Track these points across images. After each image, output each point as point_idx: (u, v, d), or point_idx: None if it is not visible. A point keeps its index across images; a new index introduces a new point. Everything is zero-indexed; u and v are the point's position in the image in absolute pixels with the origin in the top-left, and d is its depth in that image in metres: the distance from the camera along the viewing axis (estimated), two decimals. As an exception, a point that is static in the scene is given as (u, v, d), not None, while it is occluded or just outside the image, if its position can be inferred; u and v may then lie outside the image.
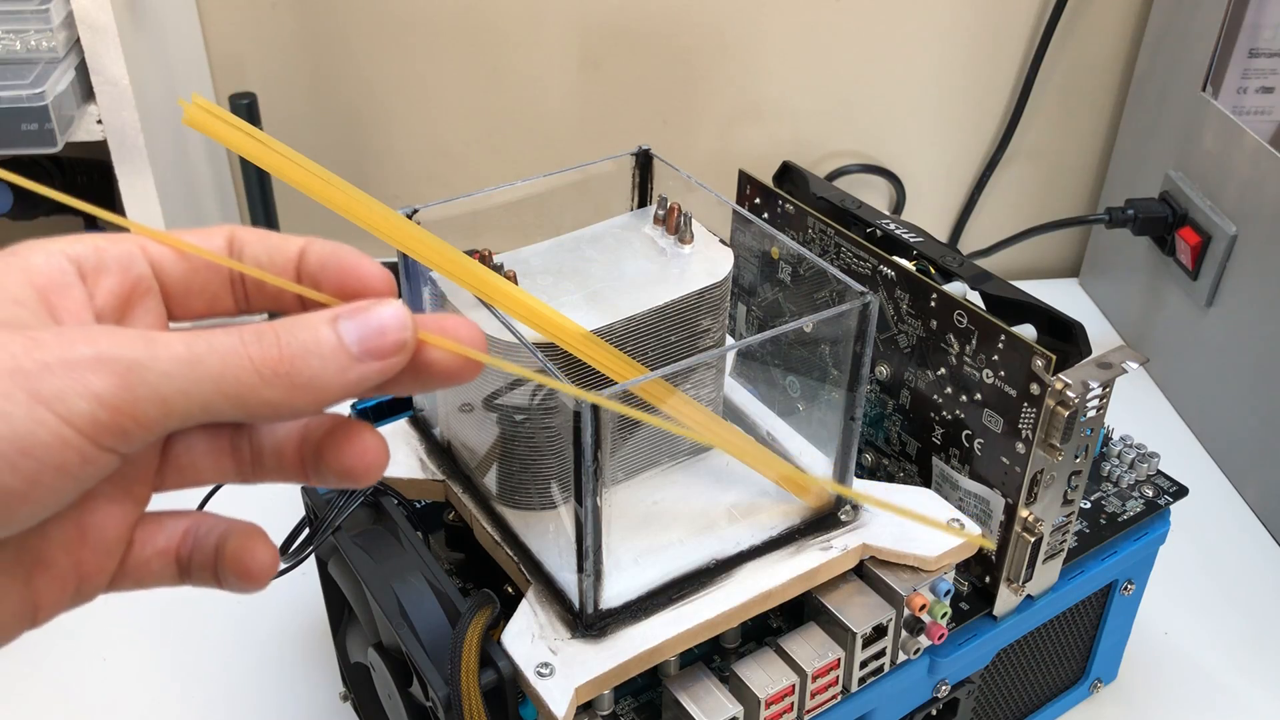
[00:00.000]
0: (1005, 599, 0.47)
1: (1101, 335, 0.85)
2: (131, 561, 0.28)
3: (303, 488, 0.47)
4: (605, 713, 0.41)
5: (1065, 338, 0.45)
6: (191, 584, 0.28)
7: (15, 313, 0.24)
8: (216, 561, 0.28)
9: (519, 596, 0.41)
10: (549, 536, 0.43)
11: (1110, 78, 0.88)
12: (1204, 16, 0.74)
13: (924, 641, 0.45)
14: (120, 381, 0.23)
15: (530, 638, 0.39)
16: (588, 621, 0.40)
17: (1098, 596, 0.53)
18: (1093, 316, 0.89)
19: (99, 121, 0.62)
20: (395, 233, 0.34)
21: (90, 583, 0.27)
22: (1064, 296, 0.91)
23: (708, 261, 0.45)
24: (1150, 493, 0.53)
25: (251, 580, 0.28)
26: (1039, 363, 0.43)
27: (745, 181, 0.55)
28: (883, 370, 0.50)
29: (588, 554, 0.38)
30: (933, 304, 0.47)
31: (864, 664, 0.43)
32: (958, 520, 0.44)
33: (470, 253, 0.41)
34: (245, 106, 0.69)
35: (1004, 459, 0.45)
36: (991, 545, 0.46)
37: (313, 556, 0.45)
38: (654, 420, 0.33)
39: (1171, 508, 0.53)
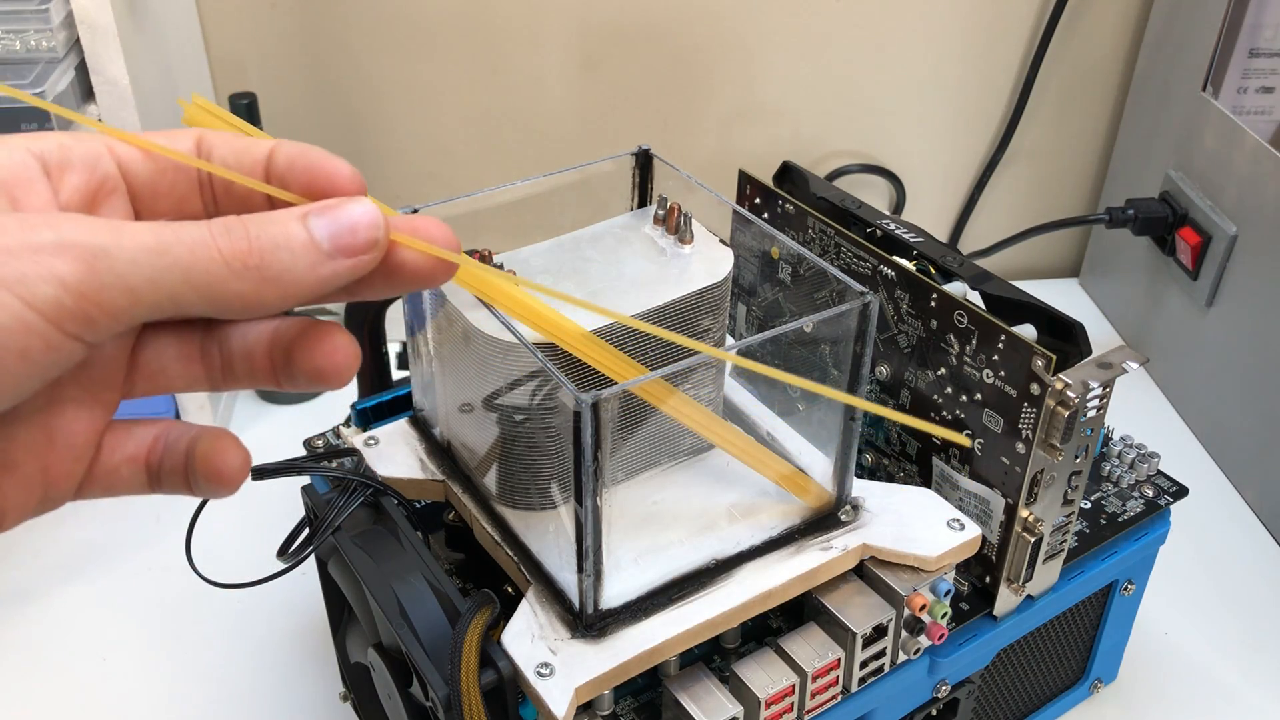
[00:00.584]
0: (1005, 599, 0.47)
1: (1101, 335, 0.85)
2: (100, 468, 0.27)
3: (303, 488, 0.47)
4: (605, 713, 0.41)
5: (1065, 338, 0.45)
6: (162, 491, 0.28)
7: None
8: (187, 466, 0.28)
9: (519, 596, 0.41)
10: (549, 536, 0.43)
11: (1110, 78, 0.88)
12: (1204, 16, 0.74)
13: (924, 641, 0.45)
14: (86, 268, 0.23)
15: (530, 638, 0.39)
16: (588, 621, 0.40)
17: (1098, 596, 0.53)
18: (1093, 316, 0.89)
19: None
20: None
21: (57, 488, 0.27)
22: (1064, 296, 0.91)
23: (708, 261, 0.45)
24: (1150, 493, 0.53)
25: (223, 483, 0.28)
26: (1039, 363, 0.43)
27: (745, 181, 0.55)
28: (883, 370, 0.50)
29: (588, 554, 0.38)
30: (933, 304, 0.47)
31: (864, 664, 0.43)
32: (957, 521, 0.44)
33: (470, 253, 0.41)
34: (245, 106, 0.69)
35: (1004, 459, 0.45)
36: (966, 443, 0.46)
37: (313, 556, 0.45)
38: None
39: (1171, 508, 0.53)
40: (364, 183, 0.27)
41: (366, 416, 0.52)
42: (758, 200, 0.55)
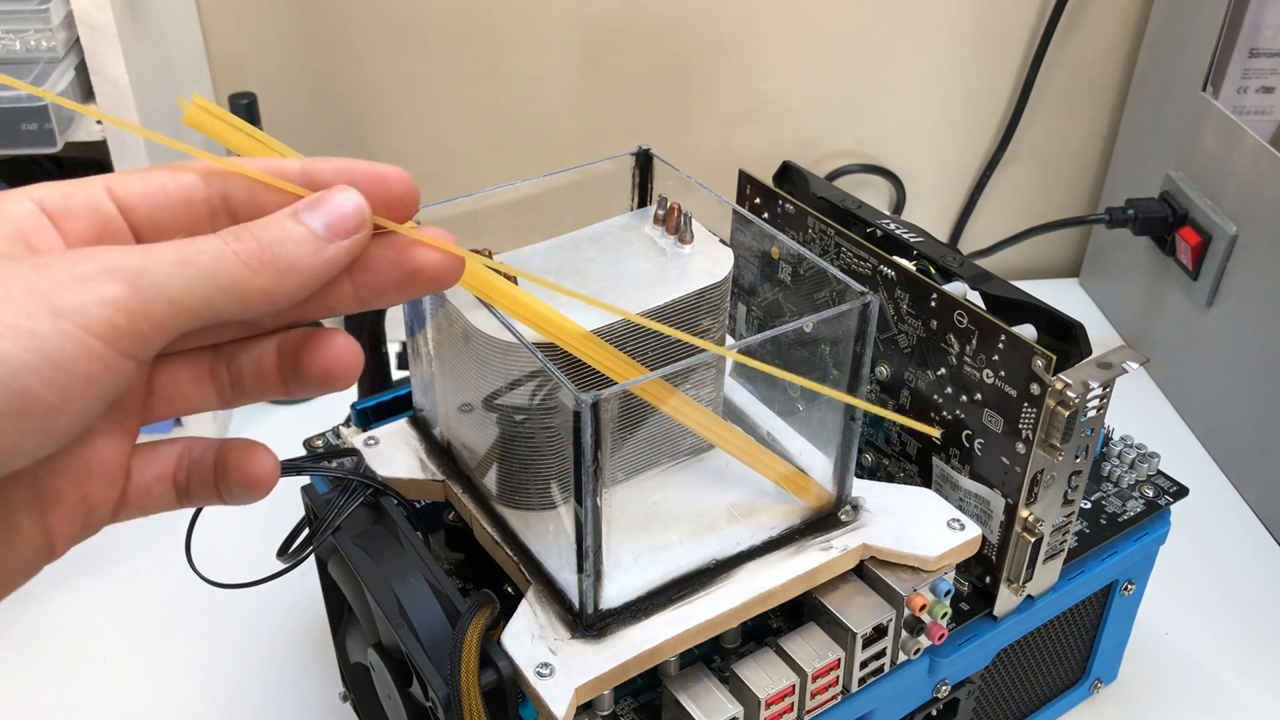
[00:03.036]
0: (1005, 599, 0.47)
1: (1101, 335, 0.85)
2: (132, 490, 0.29)
3: (303, 488, 0.47)
4: (605, 713, 0.41)
5: (1065, 338, 0.45)
6: (192, 504, 0.30)
7: (6, 249, 0.26)
8: (217, 477, 0.30)
9: (519, 596, 0.41)
10: (549, 536, 0.43)
11: (1110, 78, 0.88)
12: (1204, 16, 0.74)
13: (924, 642, 0.45)
14: (129, 287, 0.24)
15: (530, 638, 0.39)
16: (588, 622, 0.40)
17: (1098, 596, 0.53)
18: (1093, 316, 0.89)
19: (99, 121, 0.62)
20: (395, 232, 0.34)
21: (97, 513, 0.29)
22: (1064, 296, 0.91)
23: (708, 261, 0.45)
24: (1150, 493, 0.53)
25: (257, 487, 0.30)
26: (1039, 363, 0.43)
27: (745, 181, 0.55)
28: (883, 370, 0.50)
29: (588, 554, 0.38)
30: (933, 304, 0.47)
31: (864, 664, 0.43)
32: (957, 521, 0.44)
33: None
34: (245, 106, 0.69)
35: (1004, 459, 0.45)
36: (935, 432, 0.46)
37: (313, 556, 0.45)
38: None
39: (1171, 508, 0.53)
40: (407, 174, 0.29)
41: (366, 416, 0.52)
42: (758, 200, 0.55)
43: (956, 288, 0.48)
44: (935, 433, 0.47)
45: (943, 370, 0.47)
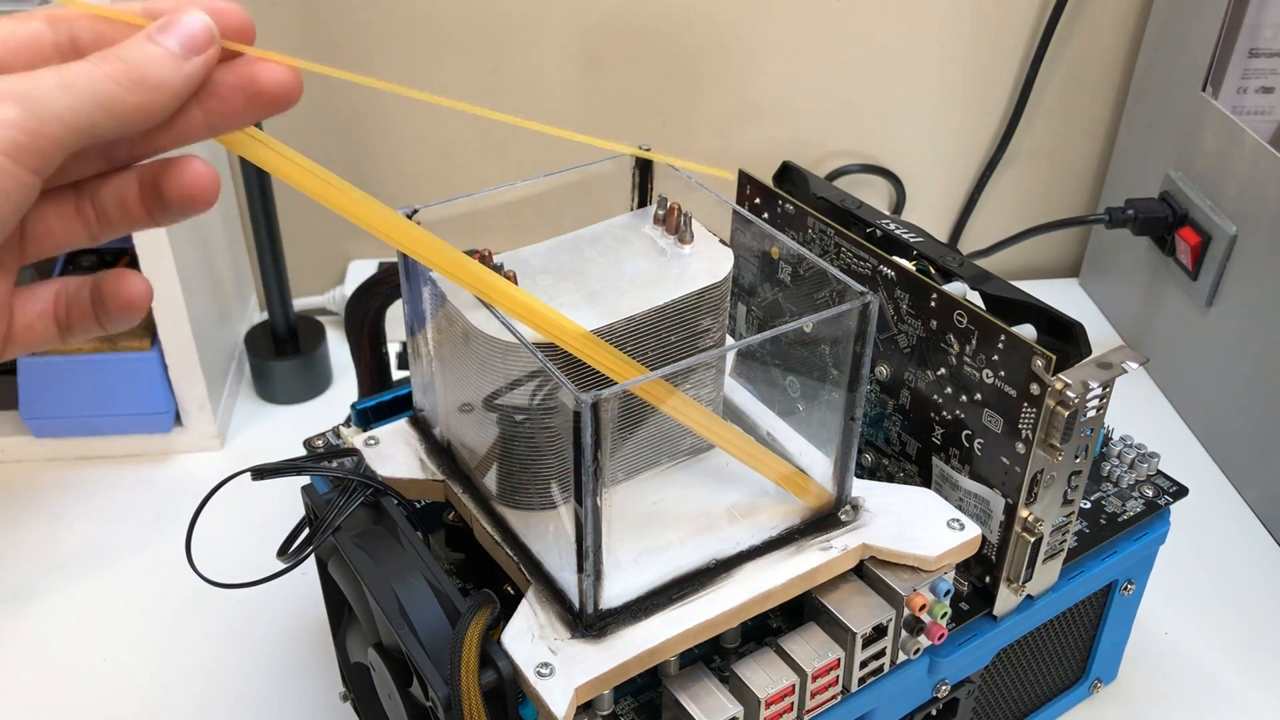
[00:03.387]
0: (1005, 599, 0.47)
1: (1101, 335, 0.85)
2: (16, 328, 0.31)
3: (303, 488, 0.47)
4: (605, 713, 0.41)
5: (1065, 338, 0.45)
6: (73, 337, 0.32)
7: None
8: (95, 307, 0.32)
9: (519, 596, 0.41)
10: (549, 536, 0.43)
11: (1110, 78, 0.88)
12: (1204, 16, 0.74)
13: (924, 641, 0.45)
14: (22, 108, 0.26)
15: (530, 638, 0.39)
16: (588, 621, 0.40)
17: (1098, 596, 0.53)
18: (1093, 316, 0.89)
19: None
20: (395, 233, 0.34)
21: None
22: (1064, 296, 0.91)
23: (708, 261, 0.45)
24: (1150, 493, 0.53)
25: (132, 308, 0.32)
26: (1039, 363, 0.43)
27: (745, 181, 0.55)
28: (883, 370, 0.50)
29: (588, 554, 0.38)
30: (933, 304, 0.47)
31: (864, 664, 0.43)
32: (957, 521, 0.44)
33: (470, 253, 0.41)
34: (245, 106, 0.69)
35: (1004, 459, 0.45)
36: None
37: (313, 556, 0.45)
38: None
39: (1171, 508, 0.53)
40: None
41: (366, 416, 0.52)
42: (758, 200, 0.55)
43: (956, 288, 0.48)
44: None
45: (943, 370, 0.47)
